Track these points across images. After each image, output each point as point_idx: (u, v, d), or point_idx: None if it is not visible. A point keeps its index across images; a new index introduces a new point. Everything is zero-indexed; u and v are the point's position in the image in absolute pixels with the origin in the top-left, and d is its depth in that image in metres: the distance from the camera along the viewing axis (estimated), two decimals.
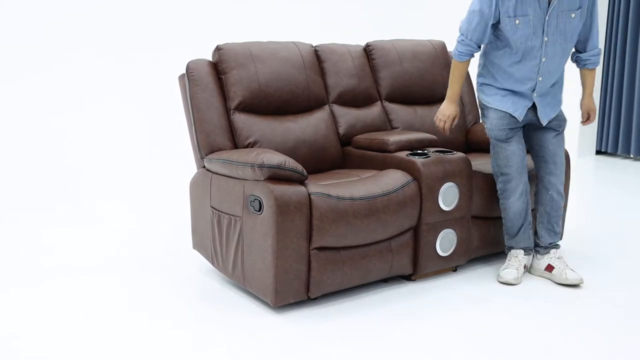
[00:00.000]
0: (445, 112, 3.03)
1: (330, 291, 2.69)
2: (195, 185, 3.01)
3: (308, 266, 2.60)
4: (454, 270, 3.12)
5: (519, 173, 2.96)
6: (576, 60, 3.06)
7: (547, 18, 2.78)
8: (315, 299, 2.75)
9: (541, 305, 2.72)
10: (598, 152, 6.63)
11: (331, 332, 2.45)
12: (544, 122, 2.95)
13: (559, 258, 3.01)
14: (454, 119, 3.03)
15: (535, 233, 3.09)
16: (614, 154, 6.52)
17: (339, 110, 3.33)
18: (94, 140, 5.40)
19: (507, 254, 3.13)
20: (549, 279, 3.00)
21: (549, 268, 3.00)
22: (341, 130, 3.30)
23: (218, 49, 3.08)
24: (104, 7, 5.33)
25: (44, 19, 5.11)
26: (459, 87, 3.00)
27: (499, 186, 3.02)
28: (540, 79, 2.89)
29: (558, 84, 2.99)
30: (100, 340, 2.37)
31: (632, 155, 6.26)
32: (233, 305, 2.70)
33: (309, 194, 2.57)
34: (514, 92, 2.95)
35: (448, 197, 2.91)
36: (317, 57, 3.36)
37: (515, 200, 2.98)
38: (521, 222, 3.01)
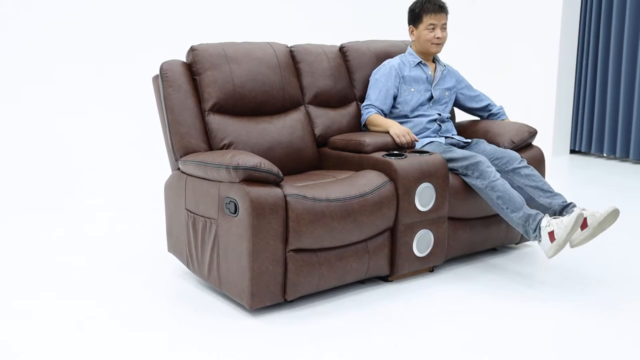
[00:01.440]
0: (399, 130, 3.17)
1: (307, 293, 2.68)
2: (169, 187, 2.99)
3: (284, 268, 2.59)
4: (431, 270, 3.13)
5: (480, 156, 3.13)
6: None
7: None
8: (292, 301, 2.74)
9: (519, 303, 2.74)
10: (572, 151, 6.70)
11: (308, 335, 2.44)
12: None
13: (583, 209, 2.91)
14: (408, 131, 3.19)
15: (544, 211, 3.05)
16: (587, 153, 6.60)
17: (314, 111, 3.33)
18: (68, 143, 5.33)
19: (540, 239, 2.87)
20: (590, 236, 2.86)
21: (583, 224, 2.87)
22: (317, 131, 3.30)
23: (192, 49, 3.06)
24: (77, 8, 5.27)
25: (16, 20, 5.04)
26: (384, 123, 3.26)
27: (475, 178, 3.03)
28: None
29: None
30: (73, 342, 2.33)
31: (605, 154, 6.34)
32: (209, 308, 2.68)
33: (285, 196, 2.56)
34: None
35: (424, 197, 2.91)
36: (293, 57, 3.36)
37: (498, 178, 2.99)
38: (516, 192, 2.98)
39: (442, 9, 3.38)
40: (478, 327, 2.51)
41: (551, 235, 2.80)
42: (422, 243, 2.95)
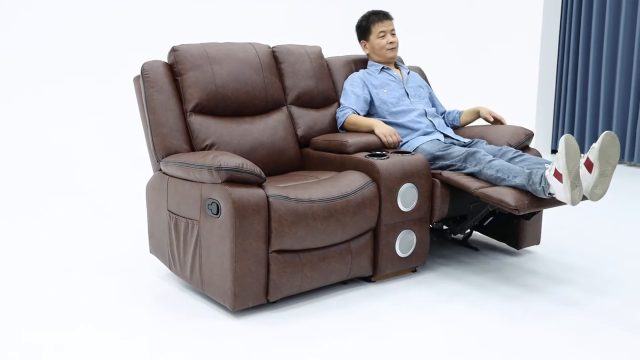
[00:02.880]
0: (385, 129, 3.19)
1: (289, 294, 2.68)
2: (151, 188, 2.98)
3: (267, 269, 2.59)
4: (414, 270, 3.14)
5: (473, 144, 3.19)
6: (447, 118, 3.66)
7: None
8: (274, 302, 2.74)
9: (503, 304, 2.76)
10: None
11: (291, 336, 2.44)
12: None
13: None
14: (394, 131, 3.21)
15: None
16: None
17: (297, 111, 3.33)
18: (48, 144, 5.29)
19: (549, 188, 2.72)
20: (601, 176, 2.71)
21: (588, 164, 2.72)
22: (299, 132, 3.30)
23: (174, 50, 3.06)
24: (58, 9, 5.23)
25: None
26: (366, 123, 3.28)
27: (473, 166, 2.97)
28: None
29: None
30: (52, 345, 2.32)
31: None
32: (191, 309, 2.68)
33: (267, 197, 2.56)
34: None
35: (407, 198, 2.93)
36: (275, 58, 3.36)
37: (495, 158, 2.95)
38: (514, 166, 2.90)
39: (387, 16, 3.54)
40: (462, 328, 2.53)
41: (557, 174, 2.67)
42: (404, 243, 2.97)
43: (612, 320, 2.59)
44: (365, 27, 3.55)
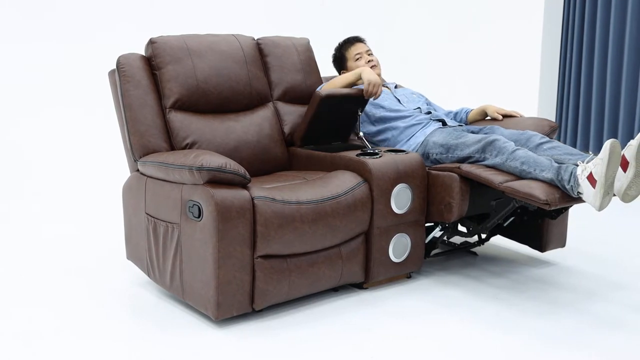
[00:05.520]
0: (373, 76, 3.16)
1: (276, 302, 2.69)
2: (128, 190, 2.98)
3: (252, 276, 2.60)
4: (408, 276, 3.16)
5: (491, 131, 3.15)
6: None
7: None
8: (260, 311, 2.75)
9: (500, 312, 2.78)
10: None
11: (278, 347, 2.45)
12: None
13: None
14: (381, 83, 3.18)
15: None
16: None
17: (283, 107, 3.34)
18: (18, 142, 5.27)
19: (579, 189, 2.66)
20: (637, 176, 2.65)
21: (624, 162, 2.66)
22: (286, 129, 3.31)
23: (151, 42, 3.06)
24: None
25: None
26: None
27: (494, 157, 2.89)
28: None
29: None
30: (20, 359, 2.32)
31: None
32: (171, 320, 2.68)
33: (252, 198, 2.57)
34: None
35: (401, 199, 2.94)
36: (260, 50, 3.36)
37: (518, 148, 2.87)
38: (541, 159, 2.81)
39: (358, 39, 3.64)
40: (459, 339, 2.54)
41: (590, 178, 2.59)
42: (398, 248, 2.98)
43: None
44: (340, 56, 3.63)
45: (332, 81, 3.31)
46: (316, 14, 6.48)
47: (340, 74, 3.65)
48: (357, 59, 3.55)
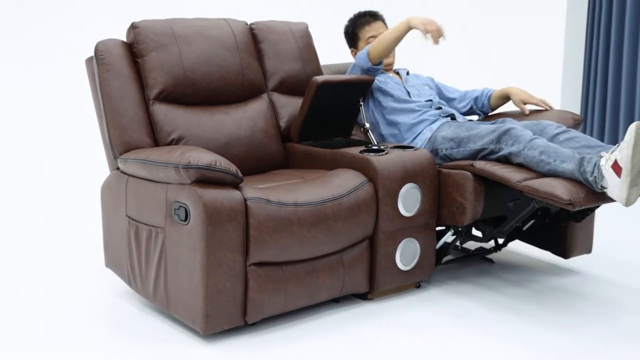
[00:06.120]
0: (420, 18, 3.12)
1: (271, 315, 2.68)
2: (107, 190, 2.96)
3: (245, 286, 2.58)
4: (417, 286, 3.15)
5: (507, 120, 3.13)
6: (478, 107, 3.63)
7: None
8: (253, 324, 2.73)
9: (518, 325, 2.76)
10: None
11: None
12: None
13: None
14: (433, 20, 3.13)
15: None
16: None
17: (279, 99, 3.34)
18: None
19: (603, 181, 2.61)
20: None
21: (616, 169, 2.57)
22: (282, 124, 3.30)
23: (133, 27, 3.06)
24: None
25: None
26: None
27: (510, 146, 2.86)
28: None
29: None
30: None
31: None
32: (154, 334, 2.66)
33: (245, 200, 2.55)
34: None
35: (409, 200, 2.92)
36: (253, 36, 3.36)
37: (536, 137, 2.84)
38: (562, 149, 2.80)
39: (375, 17, 3.56)
40: (473, 353, 2.52)
41: (615, 166, 2.53)
42: (406, 254, 2.96)
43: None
44: (352, 34, 3.57)
45: (378, 39, 3.26)
46: None
47: (350, 50, 3.61)
48: (370, 42, 3.45)
